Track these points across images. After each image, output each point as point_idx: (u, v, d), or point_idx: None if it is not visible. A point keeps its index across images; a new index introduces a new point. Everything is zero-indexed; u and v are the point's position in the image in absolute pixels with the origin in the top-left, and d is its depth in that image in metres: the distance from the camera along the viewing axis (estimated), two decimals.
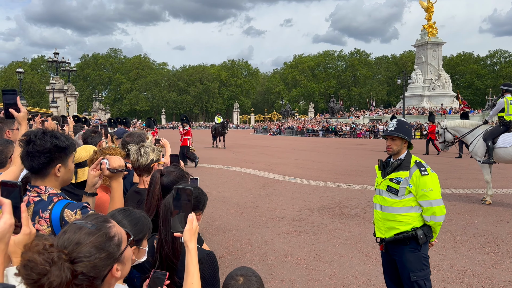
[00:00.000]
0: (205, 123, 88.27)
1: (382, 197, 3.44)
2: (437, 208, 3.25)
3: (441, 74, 53.44)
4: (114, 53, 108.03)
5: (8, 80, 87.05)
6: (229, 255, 5.83)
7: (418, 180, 3.25)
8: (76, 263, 1.13)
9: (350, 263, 5.43)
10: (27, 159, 1.91)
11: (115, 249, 1.23)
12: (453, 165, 16.18)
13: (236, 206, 8.95)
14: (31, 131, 1.95)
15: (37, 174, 1.95)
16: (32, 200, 1.93)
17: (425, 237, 3.30)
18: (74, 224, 1.23)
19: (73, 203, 1.96)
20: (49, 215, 1.90)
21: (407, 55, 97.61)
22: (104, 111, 69.21)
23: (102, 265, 1.18)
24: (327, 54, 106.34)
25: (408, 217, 3.31)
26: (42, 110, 34.56)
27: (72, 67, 45.95)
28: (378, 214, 3.49)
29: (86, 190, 2.21)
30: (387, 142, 3.45)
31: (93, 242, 1.18)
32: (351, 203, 9.16)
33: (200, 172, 14.46)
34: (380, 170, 3.55)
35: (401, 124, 3.41)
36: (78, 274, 1.13)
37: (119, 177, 2.24)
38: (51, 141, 1.89)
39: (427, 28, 53.76)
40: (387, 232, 3.41)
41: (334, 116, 57.66)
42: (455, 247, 6.08)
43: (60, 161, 1.95)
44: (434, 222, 3.29)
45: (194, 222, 1.69)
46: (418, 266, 3.28)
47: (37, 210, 1.91)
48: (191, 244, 1.67)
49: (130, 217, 1.70)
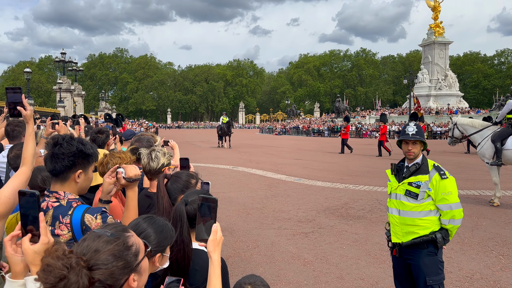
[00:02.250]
0: (211, 123, 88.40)
1: (400, 201, 3.41)
2: (456, 211, 3.26)
3: (448, 73, 53.08)
4: (121, 53, 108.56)
5: (16, 80, 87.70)
6: (236, 256, 5.83)
7: (438, 184, 3.26)
8: (93, 270, 1.14)
9: (357, 266, 5.41)
10: (51, 160, 1.95)
11: (132, 259, 1.24)
12: (461, 166, 16.07)
13: (242, 207, 8.96)
14: (60, 135, 2.01)
15: (57, 177, 1.97)
16: (51, 206, 1.95)
17: (443, 240, 3.31)
18: (94, 232, 1.25)
19: (92, 208, 1.98)
20: (70, 220, 1.92)
21: (413, 54, 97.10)
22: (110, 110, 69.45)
23: (119, 274, 1.19)
24: (333, 53, 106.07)
25: (427, 221, 3.31)
26: (49, 110, 34.80)
27: (78, 67, 46.23)
28: (395, 218, 3.45)
29: (101, 197, 2.22)
30: (408, 147, 3.40)
31: (111, 250, 1.19)
32: (358, 204, 9.13)
33: (206, 172, 14.49)
34: (393, 174, 3.53)
35: (419, 128, 3.41)
36: (95, 282, 1.13)
37: (135, 186, 2.25)
38: (77, 146, 1.94)
39: (433, 27, 53.42)
40: (404, 237, 3.38)
41: (339, 116, 57.46)
42: (463, 249, 6.04)
43: (82, 167, 1.99)
44: (453, 225, 3.29)
45: (218, 232, 1.66)
46: (435, 270, 3.28)
47: (57, 216, 1.92)
48: (215, 255, 1.64)
49: (155, 224, 1.70)
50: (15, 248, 1.36)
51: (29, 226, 1.34)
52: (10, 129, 4.00)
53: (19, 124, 4.04)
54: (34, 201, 1.34)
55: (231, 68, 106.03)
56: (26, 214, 1.35)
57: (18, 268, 1.35)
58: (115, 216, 2.19)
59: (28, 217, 1.35)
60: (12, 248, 1.36)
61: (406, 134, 3.42)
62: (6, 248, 1.36)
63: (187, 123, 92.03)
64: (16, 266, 1.35)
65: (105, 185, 2.20)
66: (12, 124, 4.04)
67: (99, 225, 1.92)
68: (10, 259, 1.36)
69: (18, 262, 1.35)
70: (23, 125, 4.03)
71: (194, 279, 1.89)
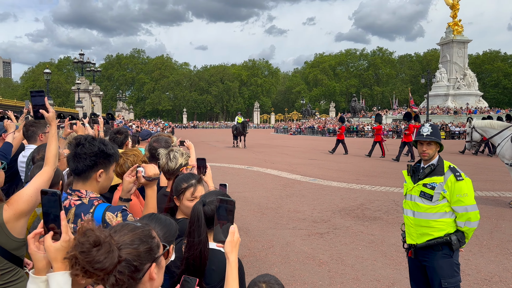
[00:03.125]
0: (226, 123, 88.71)
1: (415, 203, 3.40)
2: (472, 213, 3.22)
3: (467, 72, 52.13)
4: (138, 54, 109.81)
5: (36, 80, 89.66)
6: (251, 256, 5.86)
7: (453, 186, 3.23)
8: (121, 249, 1.21)
9: (373, 267, 5.38)
10: (74, 160, 2.02)
11: (155, 248, 1.31)
12: (480, 166, 15.78)
13: (257, 206, 8.99)
14: (82, 135, 2.08)
15: (79, 176, 2.04)
16: (73, 204, 2.02)
17: (459, 242, 3.27)
18: (120, 223, 1.35)
19: (112, 206, 2.04)
20: (91, 218, 1.98)
21: (431, 53, 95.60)
22: (127, 110, 70.37)
23: (144, 258, 1.25)
24: (349, 52, 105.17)
25: (442, 223, 3.28)
26: (68, 110, 35.47)
27: (96, 68, 46.96)
28: (410, 220, 3.45)
29: (121, 196, 2.28)
30: (422, 147, 3.40)
31: (138, 234, 1.28)
32: (374, 205, 9.06)
33: (221, 172, 14.58)
34: (409, 176, 3.51)
35: (435, 129, 3.39)
36: (122, 260, 1.20)
37: (154, 185, 2.31)
38: (99, 146, 2.01)
39: (452, 26, 52.53)
40: (419, 238, 3.37)
41: (355, 116, 57.00)
42: (481, 252, 5.94)
43: (103, 167, 2.05)
44: (469, 228, 3.26)
45: (236, 233, 1.69)
46: (450, 273, 3.25)
47: (79, 213, 1.99)
48: (232, 255, 1.67)
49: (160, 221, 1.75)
50: (38, 245, 1.41)
51: (51, 224, 1.38)
52: (25, 129, 4.11)
53: (33, 124, 4.15)
54: (55, 200, 1.39)
55: (246, 68, 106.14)
56: (48, 213, 1.40)
57: (41, 264, 1.40)
58: (134, 214, 2.25)
59: (49, 215, 1.39)
60: (35, 246, 1.41)
61: (420, 135, 3.42)
62: (29, 245, 1.42)
63: (202, 123, 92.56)
64: (39, 263, 1.40)
65: (125, 184, 2.27)
66: (28, 125, 4.15)
67: (119, 223, 1.96)
68: (33, 256, 1.41)
69: (41, 258, 1.39)
70: (37, 125, 4.14)
71: (211, 278, 1.92)
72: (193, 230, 1.92)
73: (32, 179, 2.09)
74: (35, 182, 2.04)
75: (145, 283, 1.28)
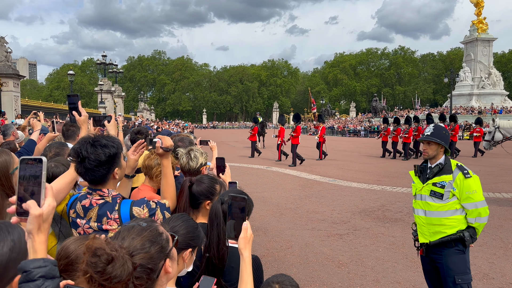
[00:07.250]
0: (245, 123, 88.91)
1: (426, 202, 3.47)
2: (482, 209, 3.29)
3: (492, 71, 50.75)
4: (159, 55, 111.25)
5: (60, 82, 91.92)
6: (270, 256, 5.87)
7: (462, 183, 3.30)
8: (133, 256, 1.23)
9: (393, 269, 5.31)
10: (88, 174, 1.98)
11: (165, 244, 1.33)
12: (504, 168, 15.33)
13: (276, 207, 8.98)
14: (76, 147, 1.98)
15: (99, 183, 2.06)
16: (95, 203, 2.04)
17: (471, 238, 3.35)
18: (125, 226, 1.34)
19: (136, 201, 2.09)
20: (118, 214, 2.02)
21: (454, 52, 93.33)
22: (149, 111, 71.40)
23: (157, 258, 1.27)
24: (370, 52, 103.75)
25: (454, 220, 3.36)
26: (91, 111, 36.24)
27: (119, 69, 47.87)
28: (422, 219, 3.51)
29: (127, 173, 2.38)
30: (423, 147, 3.55)
31: (146, 236, 1.28)
32: (395, 206, 8.93)
33: (239, 172, 14.62)
34: (417, 176, 3.61)
35: (437, 130, 3.47)
36: (137, 267, 1.22)
37: (168, 156, 2.41)
38: (104, 152, 1.96)
39: (476, 24, 51.26)
40: (432, 236, 3.44)
41: (377, 116, 56.27)
42: (506, 255, 5.78)
43: (116, 165, 2.07)
44: (479, 223, 3.33)
45: (248, 230, 1.70)
46: (463, 269, 3.32)
47: (104, 212, 2.02)
48: (246, 252, 1.68)
49: (187, 222, 1.79)
50: None
51: None
52: (65, 128, 4.24)
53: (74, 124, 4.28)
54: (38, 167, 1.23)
55: (266, 68, 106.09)
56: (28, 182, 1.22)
57: None
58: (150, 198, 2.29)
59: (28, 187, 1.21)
60: None
61: (422, 135, 3.56)
62: None
63: (222, 123, 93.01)
64: None
65: (131, 161, 2.40)
66: (68, 124, 4.28)
67: (147, 215, 2.04)
68: None
69: None
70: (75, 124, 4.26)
71: (230, 276, 1.94)
72: (212, 228, 1.94)
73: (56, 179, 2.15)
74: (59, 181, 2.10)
75: (161, 278, 1.32)
